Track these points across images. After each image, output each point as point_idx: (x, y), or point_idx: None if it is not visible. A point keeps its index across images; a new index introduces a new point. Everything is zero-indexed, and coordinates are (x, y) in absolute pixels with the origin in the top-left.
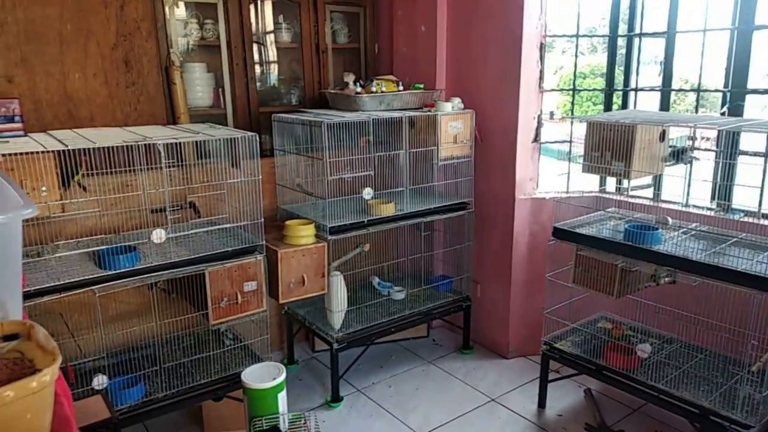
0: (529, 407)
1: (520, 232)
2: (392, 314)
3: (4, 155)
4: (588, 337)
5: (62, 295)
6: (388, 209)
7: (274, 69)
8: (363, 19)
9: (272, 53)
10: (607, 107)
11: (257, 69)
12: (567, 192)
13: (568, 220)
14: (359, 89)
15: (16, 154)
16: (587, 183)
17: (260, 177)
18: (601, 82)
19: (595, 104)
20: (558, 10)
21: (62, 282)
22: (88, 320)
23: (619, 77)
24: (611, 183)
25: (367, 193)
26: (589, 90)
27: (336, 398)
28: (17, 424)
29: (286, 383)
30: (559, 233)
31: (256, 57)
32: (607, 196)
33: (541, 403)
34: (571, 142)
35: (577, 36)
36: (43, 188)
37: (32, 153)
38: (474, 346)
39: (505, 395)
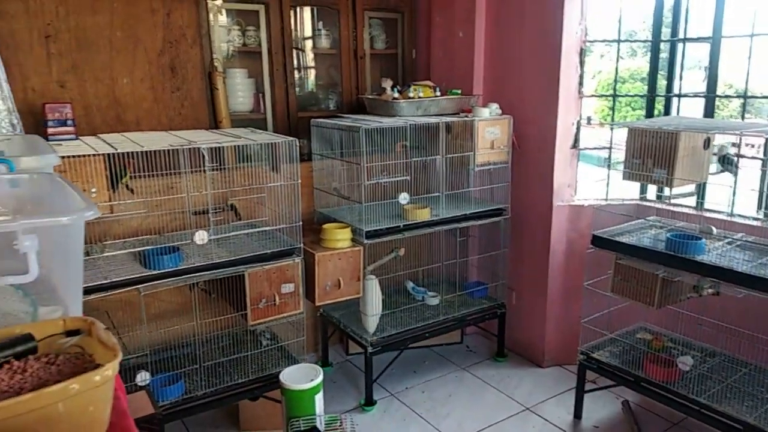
0: (565, 417)
1: (558, 240)
2: (426, 319)
3: (67, 157)
4: (627, 348)
5: (109, 293)
6: (424, 214)
7: (312, 74)
8: (401, 25)
9: (311, 59)
10: (649, 113)
11: (296, 74)
12: (606, 199)
13: (608, 228)
14: (396, 95)
15: (72, 156)
16: (627, 190)
17: (299, 181)
18: (640, 87)
19: (634, 109)
20: (597, 14)
21: (109, 280)
22: (132, 318)
23: (660, 82)
24: (652, 190)
25: (403, 197)
26: (630, 96)
27: (370, 402)
28: (81, 416)
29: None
30: (598, 241)
31: (295, 62)
32: (648, 204)
33: (577, 414)
34: (610, 148)
35: (618, 41)
36: (93, 190)
37: (86, 156)
38: (508, 354)
39: (540, 404)
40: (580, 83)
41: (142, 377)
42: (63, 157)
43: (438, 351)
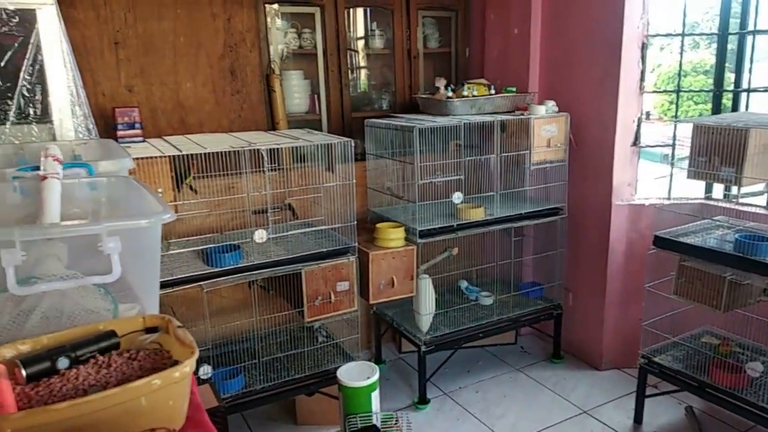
0: (625, 422)
1: (617, 240)
2: (480, 319)
3: (135, 159)
4: (691, 352)
5: (174, 289)
6: (478, 214)
7: (366, 75)
8: (454, 24)
9: (364, 59)
10: (716, 109)
11: (349, 75)
12: (668, 198)
13: (671, 228)
14: (450, 93)
15: (141, 158)
16: (690, 189)
17: (354, 181)
18: (703, 80)
19: (696, 103)
20: (658, 6)
21: (175, 277)
22: (194, 314)
23: (727, 75)
24: (717, 189)
25: (457, 197)
26: (696, 91)
27: (423, 400)
28: (161, 410)
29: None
30: (661, 242)
31: (348, 63)
32: (714, 203)
33: (638, 419)
34: (674, 145)
35: (683, 35)
36: (159, 190)
37: (153, 157)
38: (564, 356)
39: (597, 408)
40: (642, 78)
41: (205, 371)
42: (134, 159)
43: (492, 351)
